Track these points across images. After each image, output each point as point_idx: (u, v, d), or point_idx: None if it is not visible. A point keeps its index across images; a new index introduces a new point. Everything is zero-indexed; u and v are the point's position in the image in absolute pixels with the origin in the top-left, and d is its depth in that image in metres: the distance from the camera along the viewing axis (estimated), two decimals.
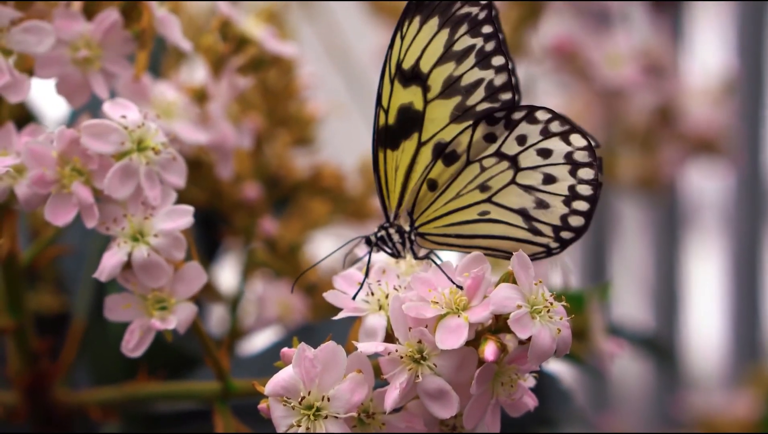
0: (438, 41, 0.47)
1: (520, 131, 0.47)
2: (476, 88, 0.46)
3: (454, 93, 0.47)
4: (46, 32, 0.50)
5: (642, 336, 0.76)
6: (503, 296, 0.44)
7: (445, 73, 0.47)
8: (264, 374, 0.48)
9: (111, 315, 0.49)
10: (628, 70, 0.90)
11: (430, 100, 0.46)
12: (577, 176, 0.47)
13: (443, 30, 0.46)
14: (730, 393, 1.11)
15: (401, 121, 0.46)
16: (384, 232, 0.48)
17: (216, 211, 0.67)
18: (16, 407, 0.57)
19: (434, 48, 0.47)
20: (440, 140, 0.47)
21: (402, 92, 0.47)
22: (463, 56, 0.47)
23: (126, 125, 0.49)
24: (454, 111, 0.46)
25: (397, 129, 0.47)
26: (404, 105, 0.46)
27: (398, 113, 0.47)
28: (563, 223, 0.47)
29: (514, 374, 0.45)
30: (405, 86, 0.47)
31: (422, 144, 0.46)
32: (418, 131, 0.46)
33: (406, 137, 0.47)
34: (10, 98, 0.50)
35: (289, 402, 0.44)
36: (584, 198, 0.47)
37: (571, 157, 0.47)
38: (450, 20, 0.47)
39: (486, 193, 0.47)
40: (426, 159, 0.47)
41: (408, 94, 0.46)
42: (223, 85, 0.58)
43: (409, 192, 0.47)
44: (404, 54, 0.47)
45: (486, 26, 0.47)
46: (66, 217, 0.48)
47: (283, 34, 0.67)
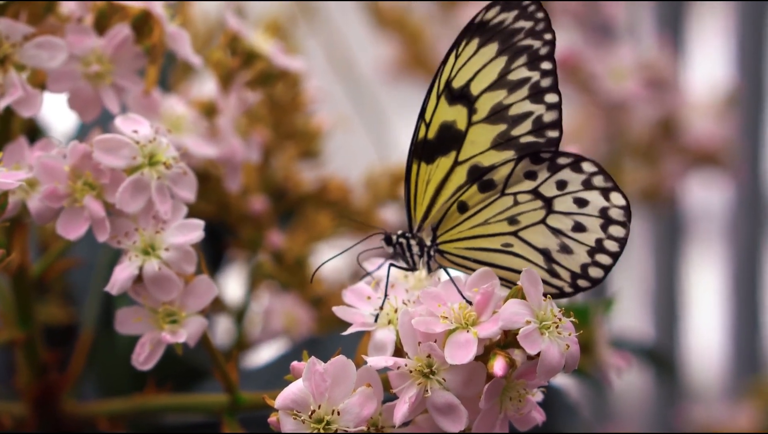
0: (493, 67, 0.46)
1: (562, 177, 0.47)
2: (524, 120, 0.46)
3: (501, 120, 0.46)
4: (58, 47, 0.51)
5: (643, 348, 0.77)
6: (512, 311, 0.44)
7: (495, 99, 0.46)
8: (270, 386, 0.49)
9: (122, 328, 0.49)
10: (631, 84, 0.90)
11: (475, 122, 0.46)
12: (607, 231, 0.47)
13: (501, 57, 0.46)
14: (731, 405, 1.12)
15: (441, 137, 0.46)
16: (405, 240, 0.48)
17: (222, 223, 0.68)
18: (25, 418, 0.57)
19: (488, 72, 0.47)
20: (477, 164, 0.46)
21: (447, 109, 0.47)
22: (516, 86, 0.46)
23: (138, 139, 0.49)
24: (497, 138, 0.46)
25: (436, 144, 0.47)
26: (447, 122, 0.46)
27: (439, 128, 0.46)
28: (582, 271, 0.47)
29: (523, 389, 0.45)
30: (451, 104, 0.47)
31: (458, 163, 0.46)
32: (456, 150, 0.46)
33: (444, 153, 0.47)
34: (23, 113, 0.50)
35: (299, 415, 0.45)
36: (609, 253, 0.47)
37: (606, 212, 0.47)
38: (510, 48, 0.46)
39: (513, 226, 0.47)
40: (460, 179, 0.47)
41: (452, 112, 0.46)
42: (231, 100, 0.58)
43: (437, 208, 0.47)
44: (456, 72, 0.47)
45: (546, 62, 0.46)
46: (78, 231, 0.49)
47: (288, 48, 0.67)
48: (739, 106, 1.06)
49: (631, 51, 0.93)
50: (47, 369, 0.57)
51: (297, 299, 0.68)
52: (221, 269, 0.74)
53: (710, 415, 1.08)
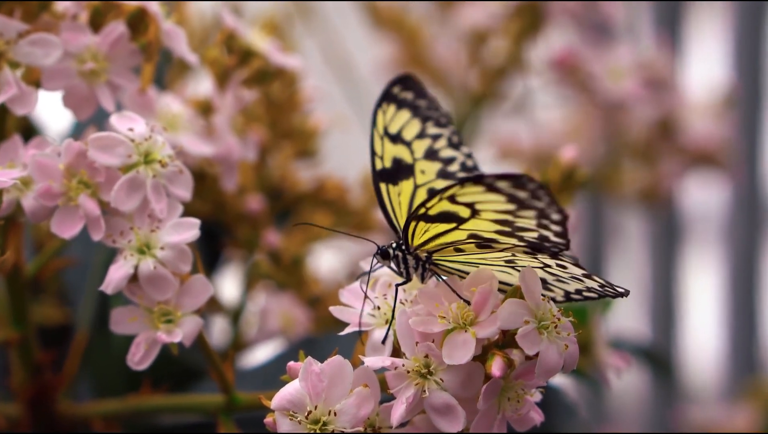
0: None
1: (563, 263, 0.46)
2: (528, 232, 0.46)
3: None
4: (53, 45, 0.50)
5: (640, 348, 0.77)
6: (511, 311, 0.44)
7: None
8: (267, 386, 0.48)
9: (117, 328, 0.49)
10: (629, 83, 0.90)
11: (479, 218, 0.46)
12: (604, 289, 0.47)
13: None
14: (728, 406, 1.11)
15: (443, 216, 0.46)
16: (401, 253, 0.47)
17: (218, 222, 0.67)
18: (20, 419, 0.57)
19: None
20: (478, 234, 0.46)
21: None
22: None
23: (133, 137, 0.49)
24: (501, 229, 0.46)
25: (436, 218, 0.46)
26: (450, 211, 0.46)
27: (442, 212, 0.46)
28: (576, 292, 0.47)
29: (521, 389, 0.45)
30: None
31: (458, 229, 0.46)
32: (458, 223, 0.46)
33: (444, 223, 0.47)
34: (17, 111, 0.50)
35: (296, 416, 0.44)
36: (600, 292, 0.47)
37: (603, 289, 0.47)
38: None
39: (511, 264, 0.47)
40: (459, 236, 0.46)
41: (456, 207, 0.46)
42: (228, 98, 0.58)
43: (433, 245, 0.47)
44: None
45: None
46: (73, 229, 0.48)
47: (285, 47, 0.67)
48: (737, 107, 1.06)
49: (629, 51, 0.93)
50: (42, 369, 0.57)
51: (294, 299, 0.68)
52: (218, 269, 0.73)
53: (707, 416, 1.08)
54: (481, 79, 0.89)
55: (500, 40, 0.88)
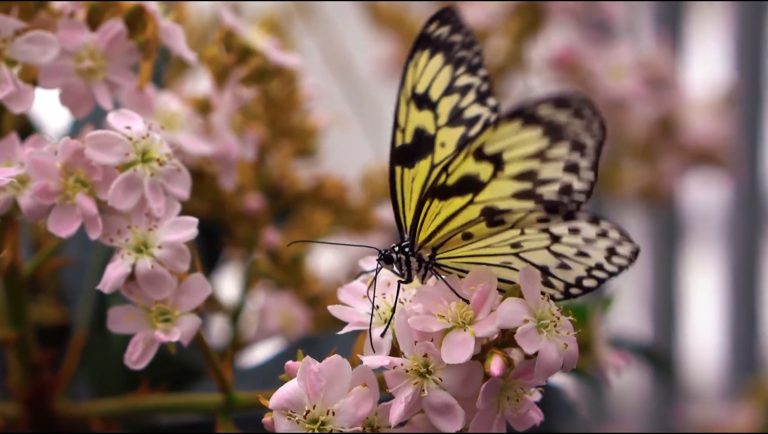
0: (533, 143, 0.45)
1: (577, 225, 0.46)
2: (552, 183, 0.45)
3: (527, 180, 0.45)
4: (50, 43, 0.50)
5: (641, 347, 0.76)
6: (510, 310, 0.44)
7: (527, 166, 0.45)
8: (266, 386, 0.48)
9: (114, 327, 0.49)
10: (630, 82, 0.89)
11: (500, 177, 0.45)
12: (611, 260, 0.46)
13: (544, 139, 0.45)
14: (729, 405, 1.11)
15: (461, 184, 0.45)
16: (404, 256, 0.47)
17: (217, 222, 0.67)
18: (18, 419, 0.57)
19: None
20: (493, 206, 0.45)
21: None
22: (553, 160, 0.45)
23: (130, 136, 0.48)
24: (520, 192, 0.45)
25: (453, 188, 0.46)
26: (470, 174, 0.45)
27: (461, 177, 0.45)
28: (577, 282, 0.47)
29: (520, 388, 0.45)
30: (477, 161, 0.46)
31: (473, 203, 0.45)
32: (474, 194, 0.45)
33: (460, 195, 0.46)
34: (14, 109, 0.50)
35: (294, 415, 0.44)
36: (607, 272, 0.47)
37: (613, 249, 0.46)
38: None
39: (516, 249, 0.46)
40: (471, 215, 0.46)
41: (477, 167, 0.45)
42: (226, 96, 0.58)
43: (442, 234, 0.46)
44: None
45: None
46: (70, 228, 0.48)
47: (284, 45, 0.67)
48: (737, 106, 1.05)
49: (629, 49, 0.93)
50: (40, 369, 0.56)
51: (293, 298, 0.67)
52: (217, 268, 0.73)
53: (708, 415, 1.08)
54: None
55: (500, 38, 0.88)
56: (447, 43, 0.50)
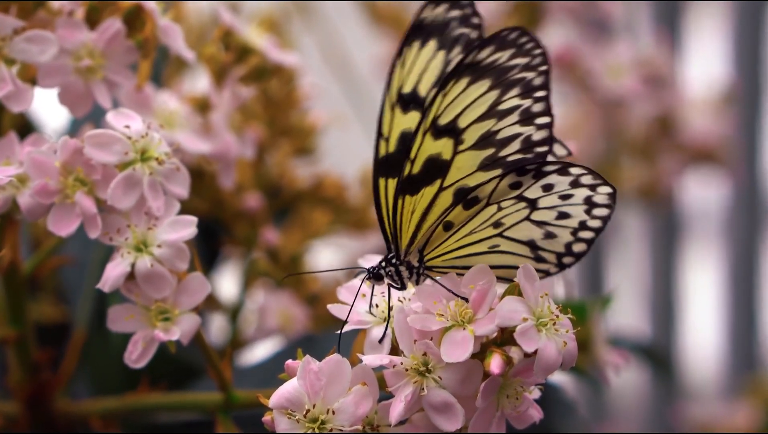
0: (484, 100, 0.44)
1: (549, 181, 0.46)
2: (512, 141, 0.44)
3: (488, 145, 0.45)
4: (49, 41, 0.50)
5: (640, 345, 0.76)
6: (509, 308, 0.44)
7: (484, 128, 0.45)
8: (265, 384, 0.48)
9: (114, 326, 0.49)
10: (629, 81, 0.90)
11: (461, 150, 0.44)
12: (591, 213, 0.46)
13: (493, 91, 0.44)
14: (728, 403, 1.11)
15: (427, 170, 0.45)
16: (393, 268, 0.47)
17: (217, 220, 0.67)
18: (17, 417, 0.57)
19: (478, 106, 0.45)
20: (463, 186, 0.45)
21: (432, 144, 0.45)
22: (506, 114, 0.45)
23: (129, 135, 0.48)
24: (484, 160, 0.45)
25: (420, 177, 0.45)
26: (433, 155, 0.45)
27: (425, 162, 0.45)
28: (567, 250, 0.47)
29: (520, 386, 0.45)
30: (436, 138, 0.45)
31: (443, 189, 0.45)
32: (441, 178, 0.45)
33: (429, 183, 0.45)
34: (13, 108, 0.50)
35: (294, 414, 0.44)
36: (591, 229, 0.46)
37: (590, 199, 0.46)
38: (502, 83, 0.45)
39: (499, 229, 0.46)
40: (446, 202, 0.46)
41: (438, 145, 0.44)
42: (225, 95, 0.58)
43: (423, 232, 0.46)
44: (443, 110, 0.45)
45: (540, 91, 0.45)
46: (69, 227, 0.48)
47: (283, 44, 0.67)
48: (736, 104, 1.05)
49: (628, 48, 0.93)
50: (39, 367, 0.56)
51: (292, 297, 0.67)
52: (216, 267, 0.73)
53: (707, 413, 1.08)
54: None
55: None
56: (443, 22, 0.47)
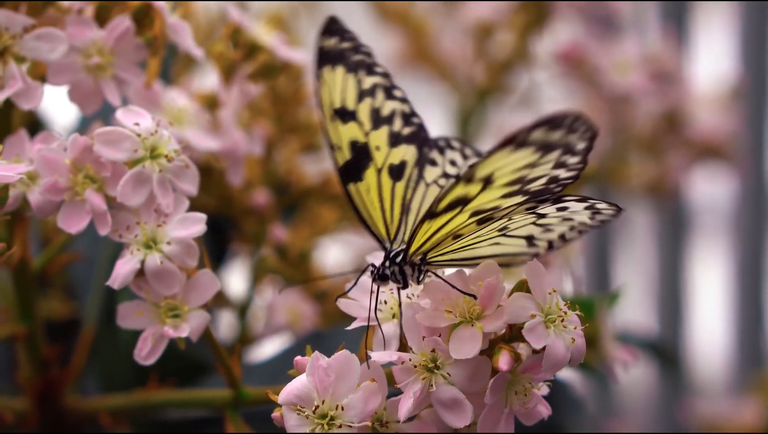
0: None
1: (565, 205, 0.46)
2: (540, 180, 0.45)
3: (516, 184, 0.45)
4: (58, 39, 0.50)
5: (647, 342, 0.76)
6: (517, 305, 0.44)
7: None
8: (274, 381, 0.48)
9: (124, 323, 0.49)
10: (636, 77, 0.89)
11: (488, 189, 0.45)
12: (594, 218, 0.46)
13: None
14: (735, 400, 1.11)
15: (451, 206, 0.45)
16: (397, 267, 0.47)
17: (225, 217, 0.67)
18: (27, 414, 0.57)
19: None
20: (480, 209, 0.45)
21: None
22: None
23: (139, 132, 0.48)
24: (506, 193, 0.45)
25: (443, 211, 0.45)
26: (460, 196, 0.45)
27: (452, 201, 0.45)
28: (560, 238, 0.46)
29: (528, 383, 0.45)
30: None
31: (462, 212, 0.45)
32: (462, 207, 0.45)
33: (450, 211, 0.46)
34: (23, 105, 0.50)
35: (303, 410, 0.44)
36: (588, 225, 0.46)
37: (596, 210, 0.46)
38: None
39: (503, 231, 0.46)
40: (461, 220, 0.46)
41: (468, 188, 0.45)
42: (233, 92, 0.58)
43: (433, 241, 0.46)
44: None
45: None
46: (79, 224, 0.48)
47: (291, 42, 0.67)
48: (743, 100, 1.05)
49: (635, 44, 0.93)
50: (49, 364, 0.57)
51: (300, 293, 0.68)
52: (224, 264, 0.73)
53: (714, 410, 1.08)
54: (487, 73, 0.89)
55: (506, 33, 0.88)
56: (341, 52, 0.51)
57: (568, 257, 0.64)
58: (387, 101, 0.51)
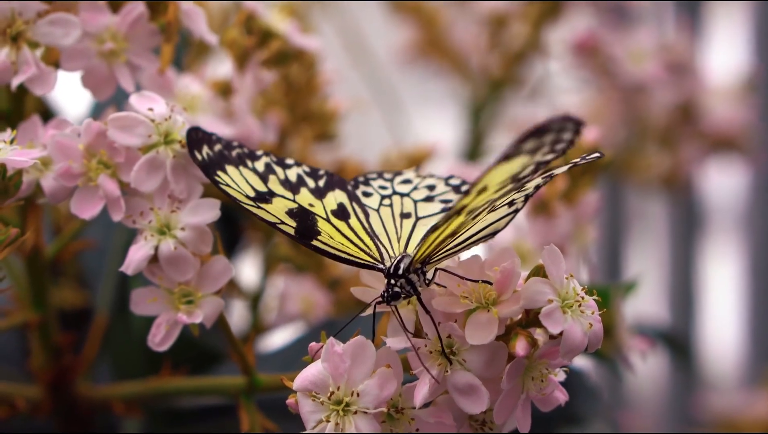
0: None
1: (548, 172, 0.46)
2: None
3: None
4: (72, 24, 0.50)
5: (660, 332, 0.76)
6: (534, 290, 0.43)
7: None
8: (287, 369, 0.48)
9: (137, 309, 0.49)
10: (651, 66, 0.89)
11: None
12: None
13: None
14: (748, 394, 1.11)
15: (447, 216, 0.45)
16: (403, 279, 0.46)
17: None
18: (39, 401, 0.57)
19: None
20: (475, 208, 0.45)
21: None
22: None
23: (153, 117, 0.48)
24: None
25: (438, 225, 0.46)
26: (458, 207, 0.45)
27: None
28: (534, 189, 0.46)
29: (545, 369, 0.44)
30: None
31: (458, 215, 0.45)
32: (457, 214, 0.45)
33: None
34: (36, 91, 0.50)
35: (318, 397, 0.44)
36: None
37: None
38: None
39: (491, 210, 0.46)
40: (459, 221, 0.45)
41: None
42: (247, 79, 0.58)
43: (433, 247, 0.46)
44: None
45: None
46: (92, 210, 0.48)
47: (304, 29, 0.67)
48: (757, 92, 1.05)
49: (650, 34, 0.92)
50: (62, 351, 0.57)
51: (313, 282, 0.67)
52: (236, 253, 0.73)
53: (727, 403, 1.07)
54: (500, 64, 0.89)
55: (519, 24, 0.88)
56: (219, 155, 0.49)
57: (583, 245, 0.63)
58: (287, 170, 0.51)
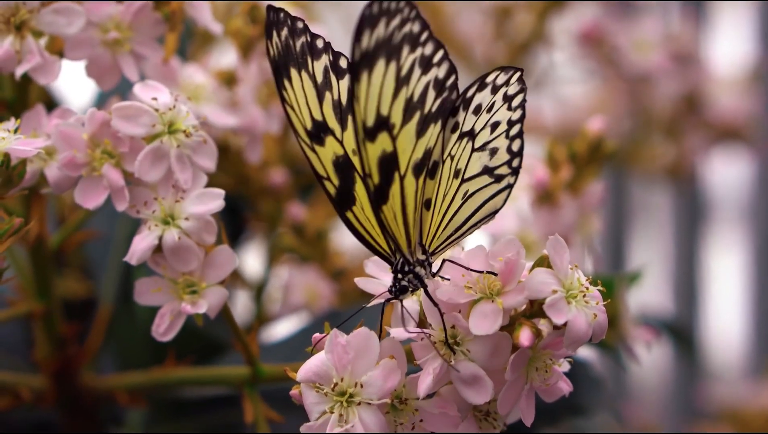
0: (390, 78, 0.43)
1: (476, 102, 0.46)
2: (426, 92, 0.44)
3: (413, 112, 0.44)
4: (76, 13, 0.50)
5: (663, 322, 0.76)
6: (538, 280, 0.43)
7: (402, 100, 0.44)
8: (290, 360, 0.48)
9: (141, 299, 0.48)
10: (656, 56, 0.89)
11: (397, 134, 0.44)
12: (511, 106, 0.46)
13: (390, 64, 0.43)
14: (752, 384, 1.11)
15: (383, 172, 0.44)
16: (411, 275, 0.46)
17: (241, 196, 0.67)
18: (44, 391, 0.57)
19: (388, 87, 0.44)
20: (416, 161, 0.45)
21: (373, 147, 0.44)
22: (410, 73, 0.44)
23: (157, 107, 0.48)
24: (417, 127, 0.44)
25: (383, 183, 0.44)
26: (380, 157, 0.44)
27: (378, 167, 0.44)
28: (510, 153, 0.46)
29: (549, 359, 0.44)
30: (373, 141, 0.44)
31: (404, 176, 0.45)
32: (396, 170, 0.44)
33: (391, 183, 0.45)
34: (40, 80, 0.50)
35: (322, 388, 0.44)
36: (517, 121, 0.46)
37: (506, 95, 0.46)
38: (392, 51, 0.43)
39: (459, 176, 0.46)
40: (412, 186, 0.45)
41: (378, 145, 0.44)
42: (252, 69, 0.57)
43: (412, 225, 0.46)
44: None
45: (423, 34, 0.44)
46: (96, 200, 0.48)
47: (310, 18, 0.66)
48: (763, 82, 1.04)
49: (655, 24, 0.92)
50: (66, 342, 0.57)
51: (318, 272, 0.67)
52: (241, 244, 0.73)
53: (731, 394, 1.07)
54: (505, 54, 0.89)
55: (524, 14, 0.88)
56: (285, 48, 0.46)
57: (588, 235, 0.63)
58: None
